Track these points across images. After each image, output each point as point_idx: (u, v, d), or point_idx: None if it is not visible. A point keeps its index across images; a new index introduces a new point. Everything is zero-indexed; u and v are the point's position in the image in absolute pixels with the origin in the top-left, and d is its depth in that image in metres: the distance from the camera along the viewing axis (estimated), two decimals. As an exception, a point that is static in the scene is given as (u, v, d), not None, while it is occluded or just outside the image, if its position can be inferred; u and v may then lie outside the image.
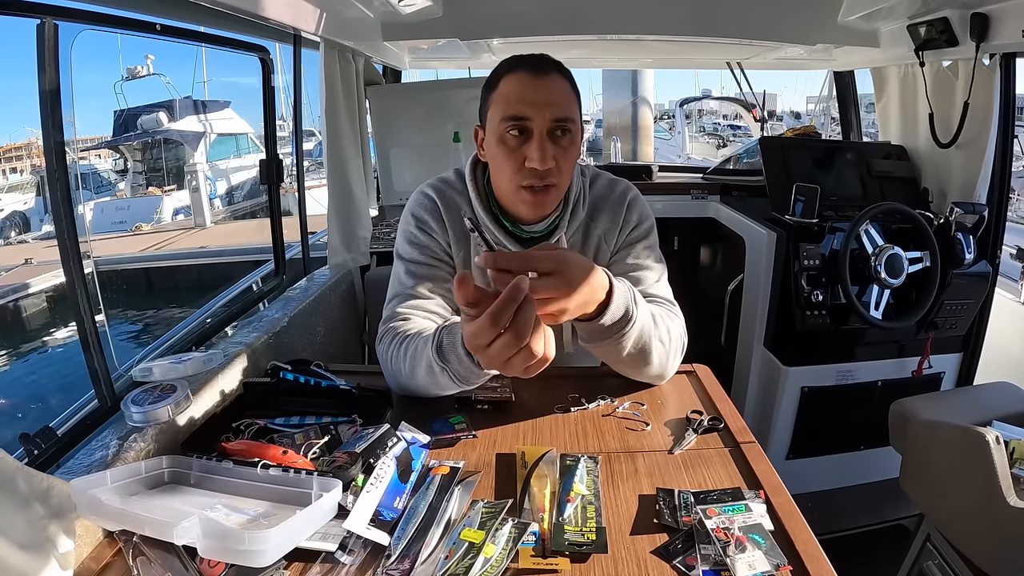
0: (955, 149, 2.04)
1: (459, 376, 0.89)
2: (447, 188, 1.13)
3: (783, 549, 0.68)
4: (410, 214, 1.13)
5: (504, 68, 1.00)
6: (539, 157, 0.95)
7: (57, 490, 0.67)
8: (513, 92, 0.97)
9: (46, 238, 10.41)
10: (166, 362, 1.02)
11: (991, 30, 1.78)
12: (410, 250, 1.11)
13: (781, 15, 2.13)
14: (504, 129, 0.97)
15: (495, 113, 0.99)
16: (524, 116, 0.96)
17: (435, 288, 1.08)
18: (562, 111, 0.97)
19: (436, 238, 1.11)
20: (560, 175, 1.00)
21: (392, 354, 1.01)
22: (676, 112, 10.53)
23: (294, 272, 1.89)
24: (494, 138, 1.00)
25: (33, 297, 7.19)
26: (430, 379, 0.93)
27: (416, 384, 0.97)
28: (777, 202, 2.14)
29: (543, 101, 0.96)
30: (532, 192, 1.00)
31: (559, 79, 0.99)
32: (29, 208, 12.49)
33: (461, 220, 1.10)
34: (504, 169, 1.00)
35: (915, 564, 1.56)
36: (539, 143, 0.96)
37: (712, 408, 1.02)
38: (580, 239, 1.13)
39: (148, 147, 11.99)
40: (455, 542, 0.69)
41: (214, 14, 1.37)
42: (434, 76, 3.41)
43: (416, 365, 0.94)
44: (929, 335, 2.02)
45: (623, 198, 1.15)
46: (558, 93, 0.97)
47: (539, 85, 0.97)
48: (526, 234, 1.09)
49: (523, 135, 0.97)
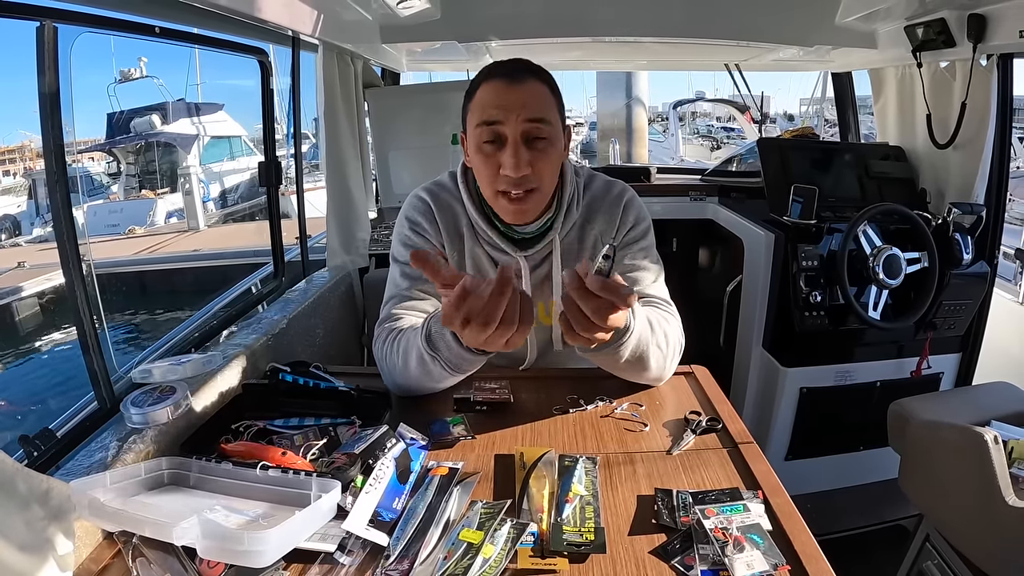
0: (953, 150, 2.05)
1: (450, 364, 0.90)
2: (440, 191, 1.14)
3: (781, 549, 0.68)
4: (404, 217, 1.14)
5: (481, 76, 1.01)
6: (512, 164, 0.96)
7: (57, 491, 0.67)
8: (487, 99, 0.98)
9: (37, 241, 10.41)
10: (166, 364, 1.02)
11: (988, 31, 1.79)
12: (404, 252, 1.12)
13: (779, 17, 2.13)
14: (479, 136, 0.98)
15: (471, 120, 1.00)
16: (496, 120, 0.96)
17: (430, 289, 1.08)
18: (535, 112, 0.96)
19: (429, 239, 1.12)
20: (540, 179, 1.00)
21: (386, 351, 1.02)
22: (670, 114, 10.53)
23: (293, 274, 1.89)
24: (473, 146, 1.01)
25: (27, 300, 7.16)
26: (422, 371, 0.94)
27: (410, 379, 0.98)
28: (775, 203, 2.15)
29: (515, 104, 0.96)
30: (509, 199, 1.00)
31: (534, 82, 0.98)
32: (21, 212, 12.49)
33: (455, 221, 1.11)
34: (483, 176, 1.02)
35: (914, 564, 1.56)
36: (512, 149, 0.96)
37: (710, 409, 1.02)
38: (576, 239, 1.13)
39: (141, 150, 11.96)
40: (454, 542, 0.69)
41: (213, 17, 1.37)
42: (427, 78, 3.42)
43: (408, 358, 0.95)
44: (927, 335, 2.02)
45: (619, 199, 1.15)
46: (531, 96, 0.97)
47: (512, 90, 0.97)
48: (519, 235, 1.10)
49: (498, 142, 0.98)
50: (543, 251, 1.11)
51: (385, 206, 2.55)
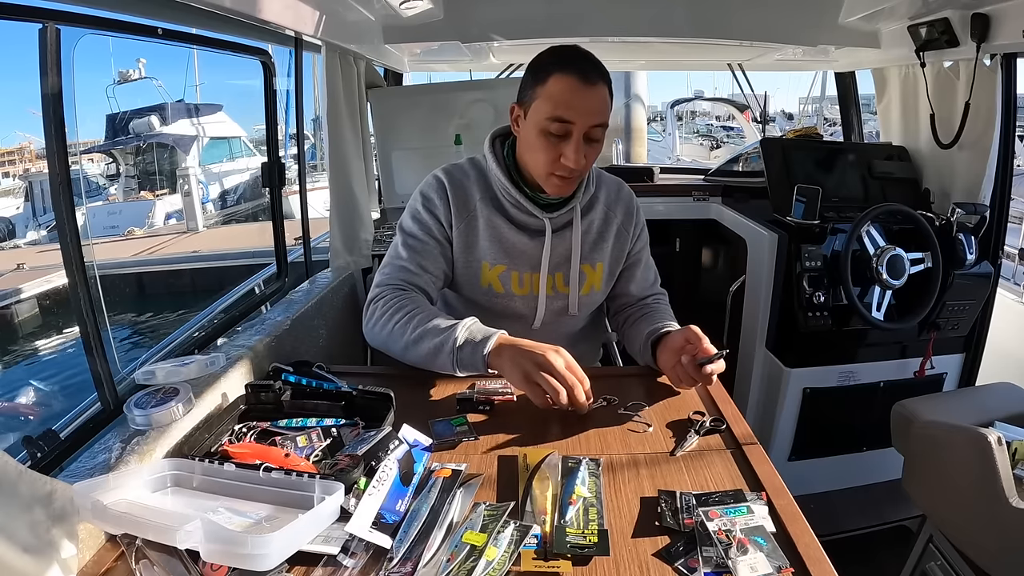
0: (957, 150, 2.04)
1: (462, 364, 1.02)
2: (456, 170, 1.24)
3: (785, 551, 0.68)
4: (418, 192, 1.25)
5: (555, 64, 1.08)
6: (574, 159, 1.08)
7: (60, 493, 0.67)
8: (563, 95, 1.06)
9: (33, 244, 10.42)
10: (169, 365, 1.02)
11: (992, 30, 1.78)
12: (411, 224, 1.22)
13: (782, 16, 2.13)
14: (547, 125, 1.08)
15: (541, 106, 1.08)
16: (569, 120, 1.06)
17: (425, 264, 1.19)
18: (600, 119, 1.08)
19: (438, 216, 1.21)
20: (587, 167, 1.14)
21: (392, 312, 1.10)
22: (667, 114, 10.48)
23: (296, 275, 1.89)
24: (535, 128, 1.10)
25: (26, 302, 7.17)
26: (429, 356, 1.04)
27: (407, 351, 1.08)
28: (778, 204, 2.14)
29: (586, 110, 1.06)
30: (560, 179, 1.13)
31: (603, 87, 1.08)
32: (18, 214, 12.50)
33: (466, 198, 1.21)
34: (539, 156, 1.11)
35: (917, 565, 1.55)
36: (576, 146, 1.07)
37: (714, 409, 1.02)
38: (600, 222, 1.27)
39: (141, 151, 11.99)
40: (457, 545, 0.69)
41: (215, 18, 1.37)
42: (427, 79, 3.42)
43: (422, 340, 1.05)
44: (931, 336, 2.02)
45: (631, 199, 1.32)
46: (600, 102, 1.08)
47: (587, 94, 1.06)
48: (543, 200, 1.21)
49: (563, 135, 1.08)
50: (565, 216, 1.23)
51: (388, 206, 2.55)
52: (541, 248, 1.21)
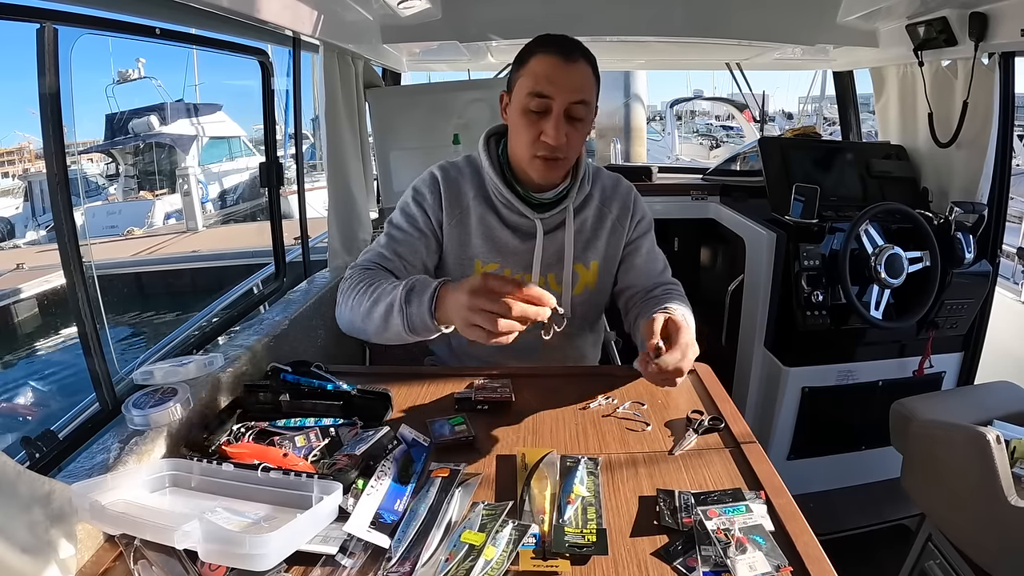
0: (955, 148, 2.04)
1: (411, 324, 0.94)
2: (451, 167, 1.25)
3: (784, 550, 0.68)
4: (412, 187, 1.25)
5: (536, 46, 1.10)
6: (554, 134, 1.07)
7: (58, 494, 0.67)
8: (541, 71, 1.07)
9: (33, 244, 10.40)
10: (167, 365, 1.02)
11: (990, 29, 1.78)
12: (398, 217, 1.23)
13: (780, 16, 2.13)
14: (527, 102, 1.08)
15: (522, 85, 1.09)
16: (547, 95, 1.07)
17: (401, 251, 1.17)
18: (580, 94, 1.08)
19: (425, 209, 1.21)
20: (569, 149, 1.12)
21: (355, 286, 1.08)
22: (667, 113, 10.48)
23: (295, 275, 1.89)
24: (518, 108, 1.11)
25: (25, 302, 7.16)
26: (383, 322, 0.99)
27: (366, 321, 1.04)
28: (777, 203, 2.14)
29: (566, 84, 1.06)
30: (544, 161, 1.12)
31: (584, 64, 1.08)
32: (18, 214, 12.48)
33: (459, 195, 1.22)
34: (522, 137, 1.11)
35: (916, 564, 1.55)
36: (555, 122, 1.07)
37: (713, 408, 1.02)
38: (593, 219, 1.26)
39: (140, 151, 11.97)
40: (455, 544, 0.69)
41: (213, 18, 1.37)
42: (425, 78, 3.41)
43: (377, 304, 1.00)
44: (930, 335, 2.02)
45: (629, 192, 1.31)
46: (581, 77, 1.08)
47: (566, 69, 1.07)
48: (536, 200, 1.20)
49: (543, 111, 1.08)
50: (558, 217, 1.22)
51: (386, 206, 2.54)
52: (533, 249, 1.21)
